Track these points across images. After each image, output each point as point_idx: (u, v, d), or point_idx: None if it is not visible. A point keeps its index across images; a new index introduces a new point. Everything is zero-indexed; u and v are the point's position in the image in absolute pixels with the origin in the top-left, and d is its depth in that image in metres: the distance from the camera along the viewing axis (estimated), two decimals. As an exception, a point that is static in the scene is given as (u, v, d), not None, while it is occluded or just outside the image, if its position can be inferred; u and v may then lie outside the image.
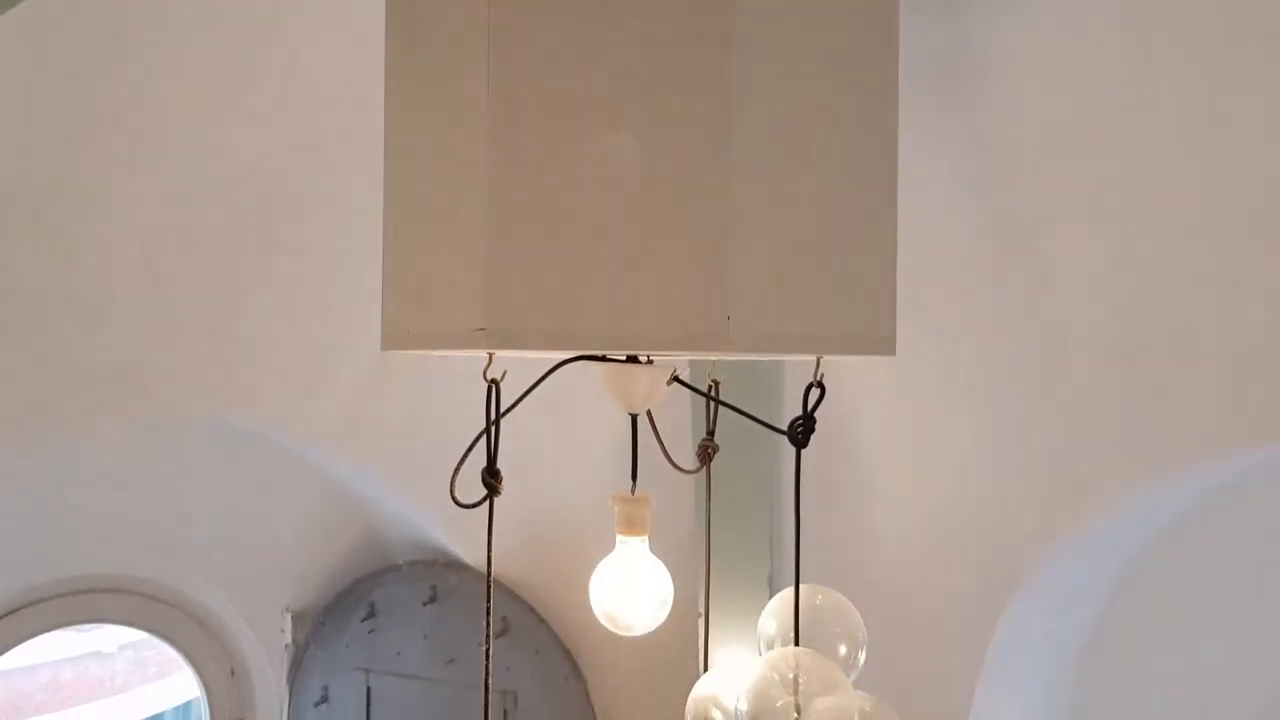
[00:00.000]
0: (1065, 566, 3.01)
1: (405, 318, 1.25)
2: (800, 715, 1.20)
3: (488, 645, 1.38)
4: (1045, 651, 3.34)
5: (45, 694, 10.01)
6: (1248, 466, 2.88)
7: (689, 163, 1.17)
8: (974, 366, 2.87)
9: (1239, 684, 3.23)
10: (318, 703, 3.75)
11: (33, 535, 3.28)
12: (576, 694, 3.45)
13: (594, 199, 1.15)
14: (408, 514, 3.54)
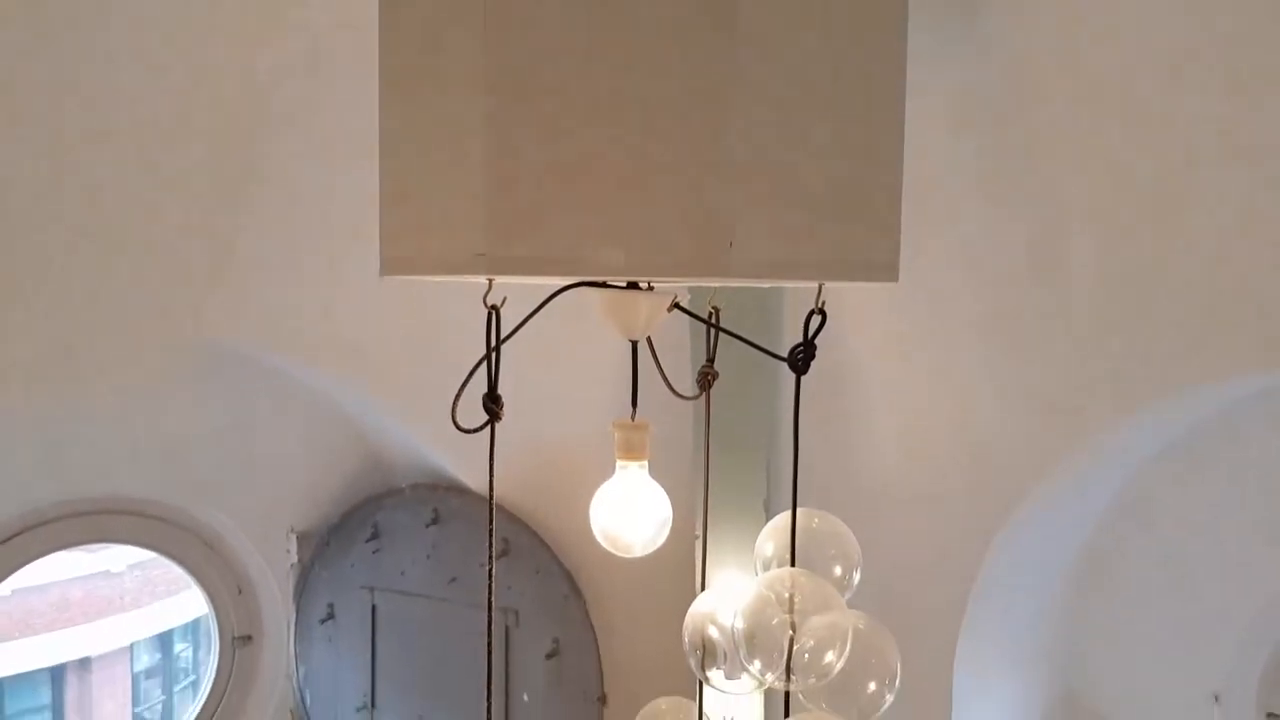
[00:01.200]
0: (1059, 492, 3.05)
1: (404, 243, 1.24)
2: (795, 632, 1.23)
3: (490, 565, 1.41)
4: (1037, 574, 3.40)
5: (55, 611, 10.21)
6: (1240, 394, 2.90)
7: (691, 86, 1.15)
8: (974, 295, 2.86)
9: (1224, 605, 3.30)
10: (324, 619, 3.83)
11: (38, 458, 3.31)
12: (576, 612, 3.53)
13: (594, 124, 1.14)
14: (410, 439, 3.57)
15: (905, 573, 2.98)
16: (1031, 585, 3.38)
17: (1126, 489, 3.35)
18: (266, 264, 2.97)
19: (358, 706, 3.80)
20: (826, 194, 1.22)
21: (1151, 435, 3.10)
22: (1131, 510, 3.37)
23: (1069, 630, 3.58)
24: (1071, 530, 3.41)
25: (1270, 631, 3.20)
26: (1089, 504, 3.36)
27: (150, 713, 11.42)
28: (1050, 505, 3.08)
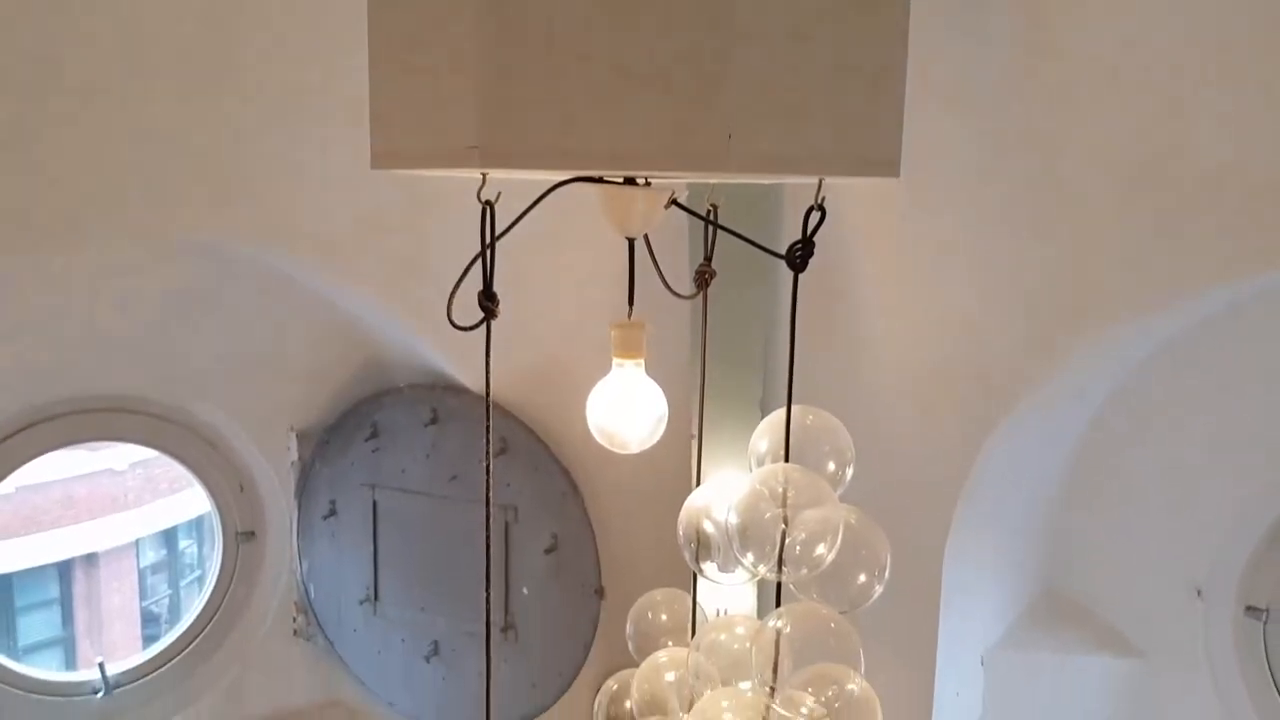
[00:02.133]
0: (1053, 392, 3.07)
1: (395, 135, 1.22)
2: (787, 526, 1.25)
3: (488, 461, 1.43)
4: (1028, 472, 3.45)
5: (60, 509, 10.37)
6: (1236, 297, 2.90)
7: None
8: (975, 195, 2.83)
9: (1209, 503, 3.36)
10: (325, 516, 3.90)
11: (37, 356, 3.32)
12: (574, 508, 3.58)
13: (590, 12, 1.11)
14: (407, 338, 3.57)
15: (898, 470, 3.03)
16: (1022, 482, 3.43)
17: (1119, 390, 3.38)
18: (259, 160, 2.92)
19: (360, 599, 3.90)
20: (827, 87, 1.19)
21: (1145, 337, 3.11)
22: (1123, 411, 3.40)
23: (1056, 527, 3.65)
24: (1064, 430, 3.45)
25: (1253, 527, 3.27)
26: (1082, 405, 3.39)
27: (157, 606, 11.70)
28: (1044, 405, 3.10)
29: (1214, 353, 3.19)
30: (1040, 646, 3.55)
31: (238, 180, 2.93)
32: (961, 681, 3.41)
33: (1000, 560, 3.54)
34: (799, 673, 1.28)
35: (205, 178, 2.89)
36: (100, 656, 3.71)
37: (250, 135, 2.86)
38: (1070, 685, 3.59)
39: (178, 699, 3.77)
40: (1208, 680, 3.38)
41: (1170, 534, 3.43)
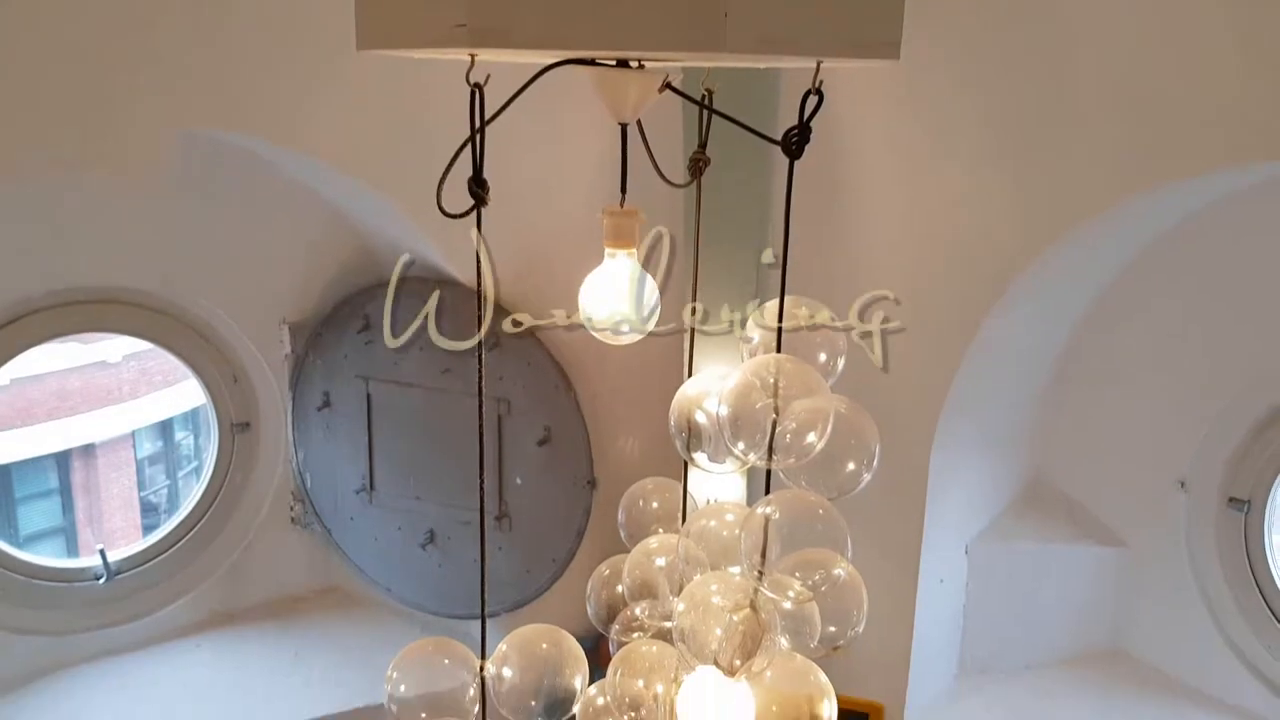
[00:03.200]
0: (1046, 282, 3.08)
1: (382, 14, 1.18)
2: (778, 415, 1.25)
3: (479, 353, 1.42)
4: (1017, 364, 3.48)
5: (55, 400, 10.41)
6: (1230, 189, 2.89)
7: None
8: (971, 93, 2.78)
9: (1196, 398, 3.40)
10: (320, 407, 3.92)
11: (30, 248, 3.28)
12: (567, 402, 3.61)
13: (583, -120, 1.06)
14: (398, 230, 3.53)
15: (891, 359, 3.04)
16: (1011, 375, 3.46)
17: (1108, 286, 3.39)
18: (246, 48, 2.85)
19: (356, 489, 3.95)
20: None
21: (1137, 229, 3.10)
22: (1111, 306, 3.42)
23: (1043, 419, 3.70)
24: (1052, 325, 3.47)
25: (1239, 421, 3.32)
26: (1071, 299, 3.40)
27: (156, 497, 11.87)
28: (1037, 295, 3.11)
29: (1202, 250, 3.19)
30: (1024, 536, 3.64)
31: (225, 69, 2.86)
32: (945, 570, 3.50)
33: (987, 453, 3.59)
34: (787, 558, 1.30)
35: (192, 67, 2.82)
36: (101, 544, 3.77)
37: (236, 23, 2.78)
38: (1052, 574, 3.68)
39: (178, 585, 3.85)
40: (1187, 570, 3.48)
41: (1156, 427, 3.48)
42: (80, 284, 3.48)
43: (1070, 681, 3.62)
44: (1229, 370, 3.32)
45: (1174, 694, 3.52)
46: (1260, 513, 3.32)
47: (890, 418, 1.34)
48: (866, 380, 1.46)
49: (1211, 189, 2.87)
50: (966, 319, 3.04)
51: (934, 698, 3.55)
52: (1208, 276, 3.25)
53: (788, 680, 1.36)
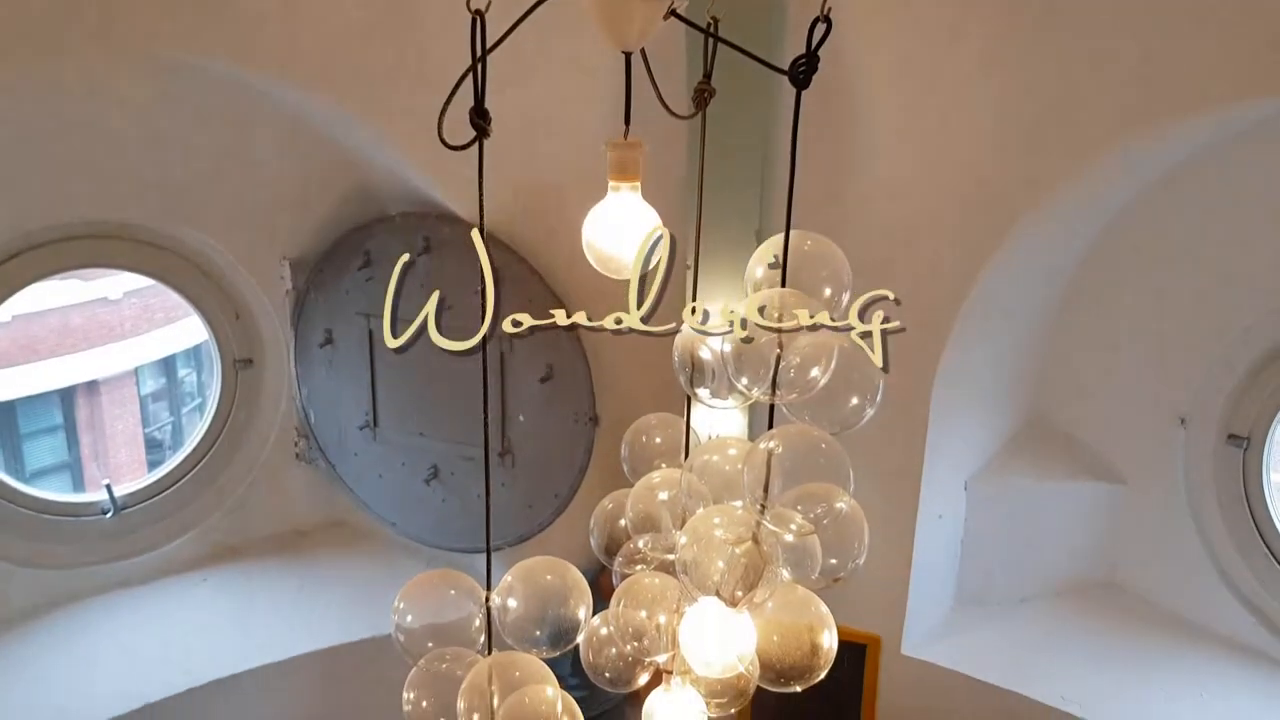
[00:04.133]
0: (1052, 217, 3.05)
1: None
2: (782, 350, 1.25)
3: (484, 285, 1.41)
4: (1021, 299, 3.47)
5: (58, 337, 10.40)
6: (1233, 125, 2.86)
7: None
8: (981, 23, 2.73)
9: (1198, 335, 3.40)
10: (322, 344, 3.92)
11: (28, 183, 3.25)
12: (568, 339, 3.60)
13: None
14: (398, 164, 3.50)
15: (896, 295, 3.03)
16: (1015, 311, 3.45)
17: (1113, 224, 3.37)
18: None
19: (360, 425, 3.97)
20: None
21: (1143, 166, 3.08)
22: (1116, 244, 3.40)
23: (1045, 357, 3.70)
24: (1060, 256, 3.45)
25: (1240, 358, 3.32)
26: (1079, 231, 3.37)
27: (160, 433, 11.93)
28: (1042, 231, 3.09)
29: (1207, 189, 3.17)
30: (1023, 472, 3.66)
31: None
32: (944, 505, 3.52)
33: (988, 390, 3.60)
34: (789, 491, 1.31)
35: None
36: (107, 479, 3.80)
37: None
38: (1050, 510, 3.72)
39: (184, 519, 3.89)
40: (1184, 505, 3.51)
41: (1158, 365, 3.49)
42: (79, 219, 3.46)
43: (1065, 614, 3.68)
44: (1231, 309, 3.31)
45: (1168, 626, 3.57)
46: (1259, 449, 3.34)
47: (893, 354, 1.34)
48: (870, 316, 1.44)
49: (1216, 126, 2.83)
50: (972, 257, 3.02)
51: (931, 629, 3.61)
52: (1211, 215, 3.24)
53: (789, 611, 1.37)
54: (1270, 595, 3.36)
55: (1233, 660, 3.40)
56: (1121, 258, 3.42)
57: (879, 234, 2.96)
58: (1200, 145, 2.99)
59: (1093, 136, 2.74)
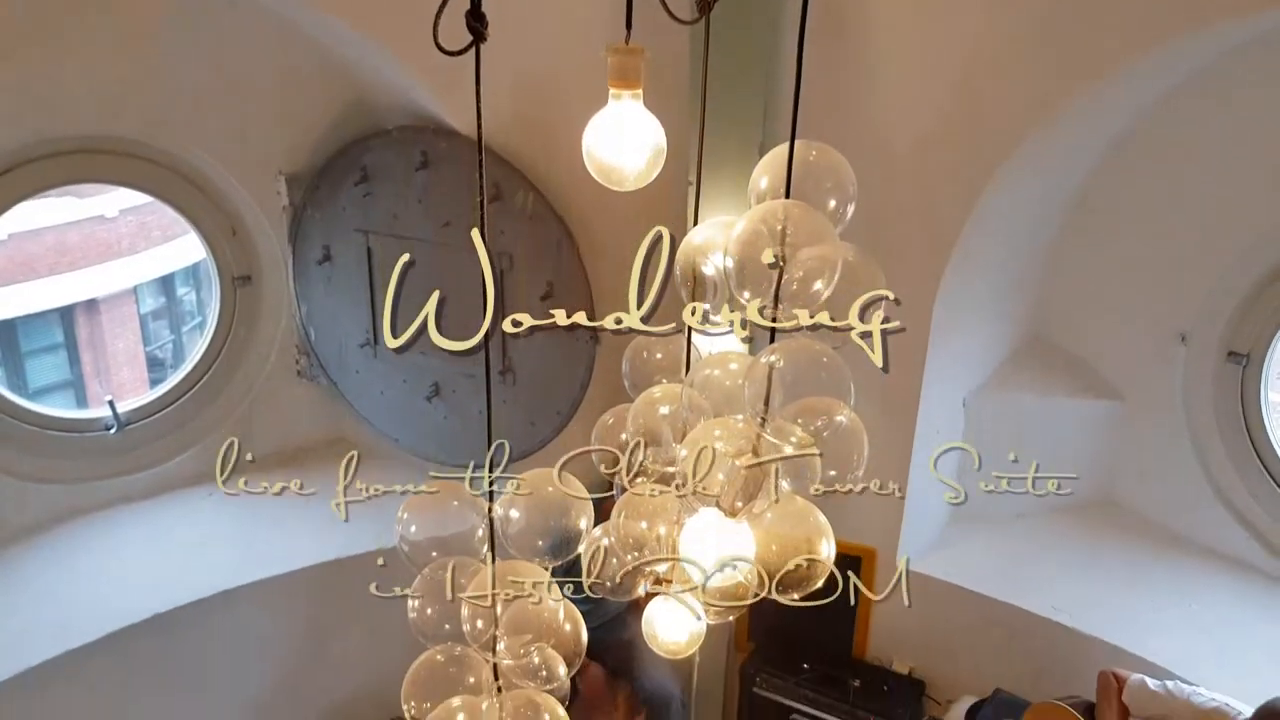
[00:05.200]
0: (1056, 135, 3.01)
1: None
2: (785, 264, 1.24)
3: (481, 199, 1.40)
4: (1024, 217, 3.44)
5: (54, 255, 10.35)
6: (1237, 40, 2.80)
7: None
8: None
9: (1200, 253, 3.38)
10: (320, 261, 3.89)
11: (21, 96, 3.19)
12: (569, 256, 3.58)
13: None
14: (393, 75, 3.43)
15: (899, 211, 3.01)
16: (1017, 229, 3.43)
17: (1119, 139, 3.32)
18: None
19: (360, 343, 3.97)
20: None
21: (1145, 86, 3.03)
22: (1121, 160, 3.36)
23: (1047, 274, 3.68)
24: (1062, 174, 3.41)
25: (1244, 275, 3.31)
26: (1082, 149, 3.33)
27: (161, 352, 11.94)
28: (1046, 148, 3.05)
29: (1211, 107, 3.13)
30: (1022, 389, 3.68)
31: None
32: (942, 421, 3.54)
33: (990, 305, 3.60)
34: (790, 405, 1.31)
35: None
36: (109, 396, 3.81)
37: None
38: (1048, 426, 3.74)
39: (187, 436, 3.91)
40: (1182, 422, 3.53)
41: (1160, 281, 3.48)
42: (73, 133, 3.40)
43: (1059, 529, 3.73)
44: (1235, 226, 3.29)
45: (1161, 541, 3.63)
46: (1258, 366, 3.35)
47: (895, 269, 1.33)
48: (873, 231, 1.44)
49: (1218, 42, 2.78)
50: (975, 172, 2.99)
51: (926, 543, 3.66)
52: (1215, 133, 3.20)
53: (788, 521, 1.39)
54: (1264, 511, 3.40)
55: (1224, 574, 3.47)
56: (1124, 176, 3.39)
57: (884, 152, 2.92)
58: (1203, 65, 2.94)
59: (1095, 56, 2.69)
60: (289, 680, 3.66)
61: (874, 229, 1.43)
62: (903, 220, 3.01)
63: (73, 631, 3.11)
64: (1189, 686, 2.69)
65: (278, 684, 3.55)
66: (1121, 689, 2.75)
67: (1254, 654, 3.14)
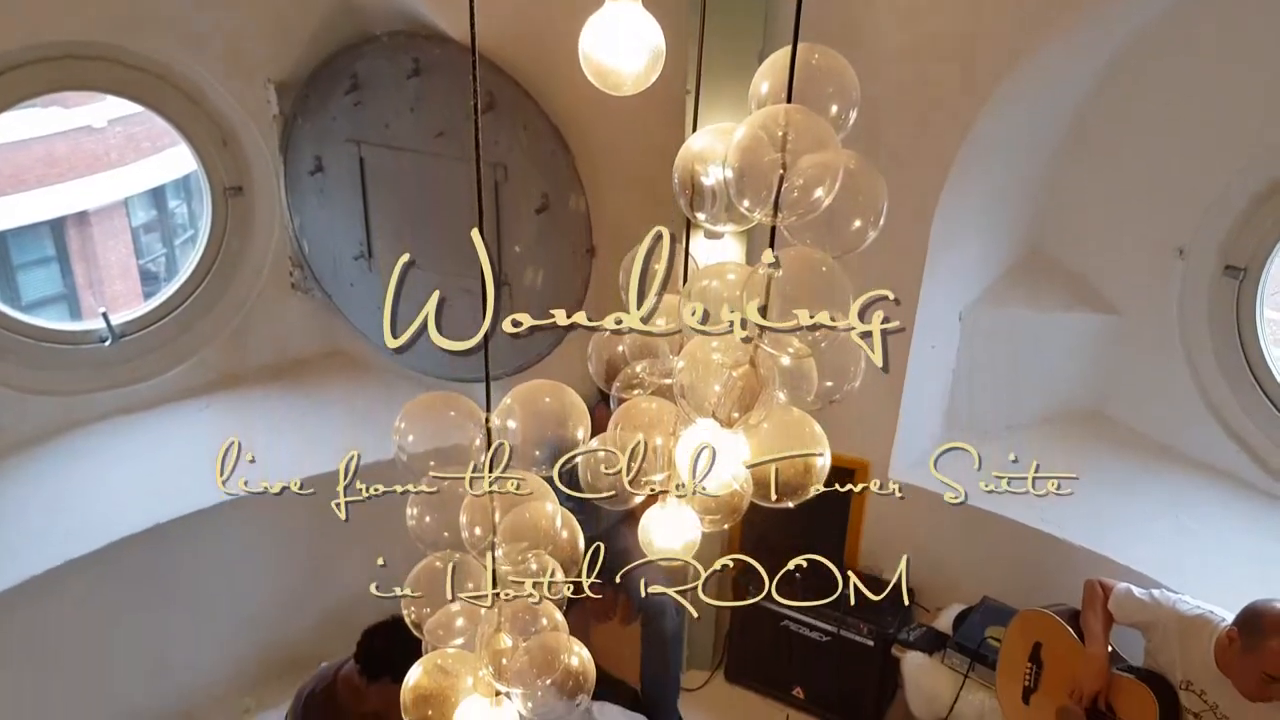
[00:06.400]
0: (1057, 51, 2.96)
1: None
2: (785, 171, 1.22)
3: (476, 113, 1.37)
4: (1026, 132, 3.40)
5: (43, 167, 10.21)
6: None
7: None
8: None
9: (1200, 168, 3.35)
10: (312, 171, 3.84)
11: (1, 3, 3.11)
12: (564, 167, 3.53)
13: None
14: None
15: (900, 122, 2.96)
16: (1018, 143, 3.39)
17: (1119, 55, 3.26)
18: None
19: (355, 255, 3.94)
20: None
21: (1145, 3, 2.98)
22: (1122, 75, 3.31)
23: (1047, 187, 3.65)
24: (1065, 90, 3.36)
25: (1242, 190, 3.28)
26: (1084, 66, 3.28)
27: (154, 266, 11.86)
28: (1048, 64, 3.00)
29: (1209, 22, 3.07)
30: (1018, 303, 3.68)
31: None
32: (938, 336, 3.55)
33: (987, 222, 3.57)
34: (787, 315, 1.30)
35: None
36: (103, 308, 3.80)
37: None
38: (1042, 341, 3.75)
39: (182, 348, 3.91)
40: (1176, 336, 3.54)
41: (1159, 195, 3.45)
42: (59, 38, 3.32)
43: (1050, 441, 3.76)
44: (1234, 140, 3.26)
45: (1151, 453, 3.66)
46: (1255, 280, 3.34)
47: (896, 178, 1.31)
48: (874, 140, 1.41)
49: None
50: (978, 86, 2.94)
51: (918, 456, 3.70)
52: (1214, 49, 3.15)
53: (784, 432, 1.39)
54: (1254, 424, 3.43)
55: (1214, 487, 3.51)
56: (1125, 91, 3.34)
57: (886, 64, 2.86)
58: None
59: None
60: (288, 590, 3.72)
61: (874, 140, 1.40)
62: (905, 133, 2.97)
63: (72, 542, 3.15)
64: (1174, 595, 2.75)
65: (277, 593, 3.62)
66: (1107, 597, 2.81)
67: (1239, 565, 3.20)
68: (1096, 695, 2.74)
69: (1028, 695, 2.99)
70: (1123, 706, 2.72)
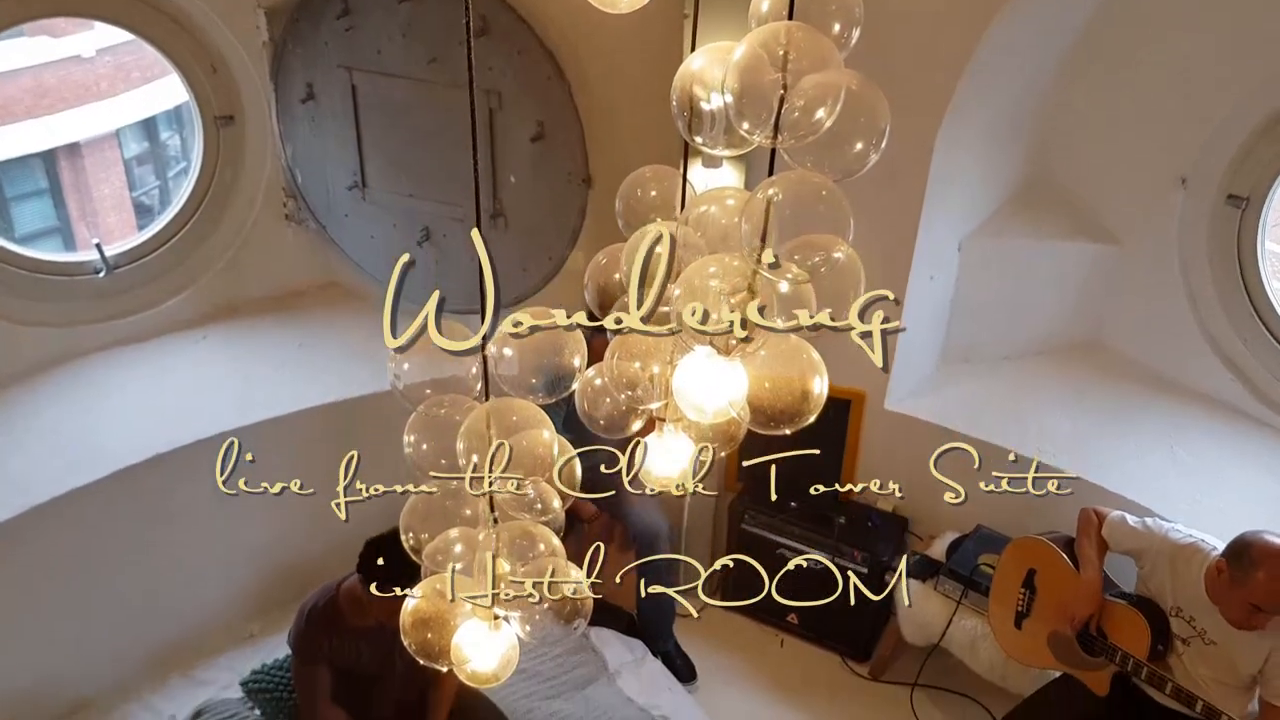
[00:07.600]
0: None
1: None
2: (787, 92, 1.19)
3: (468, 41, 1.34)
4: (1028, 57, 3.34)
5: (32, 98, 10.06)
6: None
7: None
8: None
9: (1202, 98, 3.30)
10: (304, 99, 3.78)
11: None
12: (559, 93, 3.48)
13: None
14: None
15: (903, 45, 2.91)
16: (1020, 68, 3.33)
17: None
18: None
19: (348, 185, 3.90)
20: None
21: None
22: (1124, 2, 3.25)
23: (1048, 116, 3.60)
24: (1069, 13, 3.29)
25: (1247, 118, 3.23)
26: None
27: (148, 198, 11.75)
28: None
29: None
30: (1017, 233, 3.65)
31: None
32: (936, 266, 3.53)
33: (988, 152, 3.53)
34: (787, 242, 1.29)
35: None
36: (97, 239, 3.76)
37: None
38: (1042, 271, 3.73)
39: (177, 280, 3.89)
40: (1175, 266, 3.52)
41: (1162, 123, 3.40)
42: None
43: (1047, 371, 3.77)
44: (1239, 69, 3.20)
45: (1148, 383, 3.67)
46: (1257, 210, 3.31)
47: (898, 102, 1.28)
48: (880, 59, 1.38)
49: None
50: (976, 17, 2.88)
51: (915, 385, 3.70)
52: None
53: (781, 359, 1.38)
54: (1252, 354, 3.43)
55: (1210, 416, 3.52)
56: (1127, 19, 3.27)
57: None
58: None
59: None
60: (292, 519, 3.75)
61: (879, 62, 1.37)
62: (908, 55, 2.92)
63: (74, 472, 3.16)
64: (1166, 523, 2.77)
65: (280, 522, 3.64)
66: (1101, 525, 2.83)
67: (1232, 494, 3.22)
68: (1089, 619, 2.78)
69: (1020, 621, 3.03)
70: (1115, 631, 2.76)
